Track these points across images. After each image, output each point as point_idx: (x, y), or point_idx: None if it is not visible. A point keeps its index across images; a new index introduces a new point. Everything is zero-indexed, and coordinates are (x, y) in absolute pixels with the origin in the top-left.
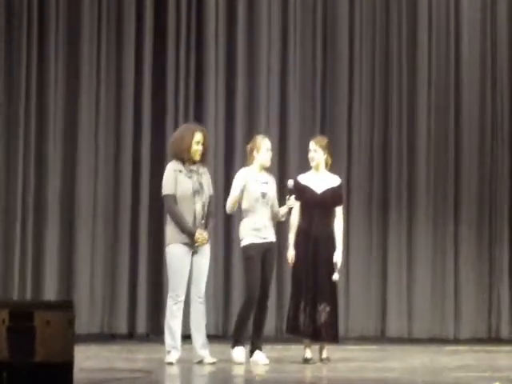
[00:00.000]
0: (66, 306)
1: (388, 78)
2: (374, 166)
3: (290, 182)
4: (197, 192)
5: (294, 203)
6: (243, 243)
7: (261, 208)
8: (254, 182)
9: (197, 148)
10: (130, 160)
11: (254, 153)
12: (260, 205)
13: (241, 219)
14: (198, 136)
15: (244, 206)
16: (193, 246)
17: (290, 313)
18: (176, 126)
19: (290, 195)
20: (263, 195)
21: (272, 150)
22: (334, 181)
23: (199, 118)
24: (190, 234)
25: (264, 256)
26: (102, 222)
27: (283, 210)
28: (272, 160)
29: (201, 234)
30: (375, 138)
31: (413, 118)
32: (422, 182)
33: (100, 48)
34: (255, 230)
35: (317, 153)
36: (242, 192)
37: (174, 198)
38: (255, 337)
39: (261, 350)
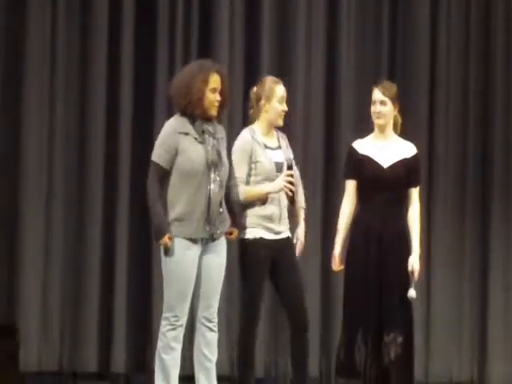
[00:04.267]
0: (5, 333)
1: None
2: (469, 130)
3: (289, 155)
4: (213, 165)
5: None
6: (246, 235)
7: None
8: (263, 147)
9: (214, 98)
10: (102, 129)
11: (262, 102)
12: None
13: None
14: (216, 80)
15: (252, 184)
16: (203, 240)
17: (342, 347)
18: (170, 74)
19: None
20: (279, 167)
21: (315, 104)
22: (407, 150)
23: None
24: (157, 230)
25: (277, 258)
26: (60, 212)
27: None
28: (310, 118)
29: (166, 240)
30: (471, 86)
31: None
32: None
33: None
34: (267, 220)
35: (386, 106)
36: (249, 165)
37: (161, 171)
38: (297, 382)
39: None
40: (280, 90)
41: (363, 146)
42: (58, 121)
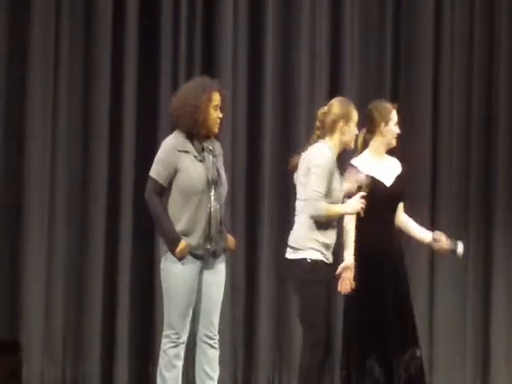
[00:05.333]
0: (8, 349)
1: None
2: (472, 132)
3: (362, 176)
4: (213, 183)
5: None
6: (307, 255)
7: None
8: (338, 172)
9: (216, 115)
10: (106, 133)
11: (339, 124)
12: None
13: (300, 222)
14: (217, 97)
15: None
16: (204, 256)
17: (355, 365)
18: (174, 87)
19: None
20: (343, 196)
21: (318, 110)
22: (397, 165)
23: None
24: (171, 242)
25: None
26: (63, 227)
27: (348, 207)
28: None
29: (184, 245)
30: (475, 89)
31: None
32: None
33: None
34: (325, 247)
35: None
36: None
37: (159, 187)
38: None
39: None
40: (356, 114)
41: (363, 164)
42: (62, 124)
